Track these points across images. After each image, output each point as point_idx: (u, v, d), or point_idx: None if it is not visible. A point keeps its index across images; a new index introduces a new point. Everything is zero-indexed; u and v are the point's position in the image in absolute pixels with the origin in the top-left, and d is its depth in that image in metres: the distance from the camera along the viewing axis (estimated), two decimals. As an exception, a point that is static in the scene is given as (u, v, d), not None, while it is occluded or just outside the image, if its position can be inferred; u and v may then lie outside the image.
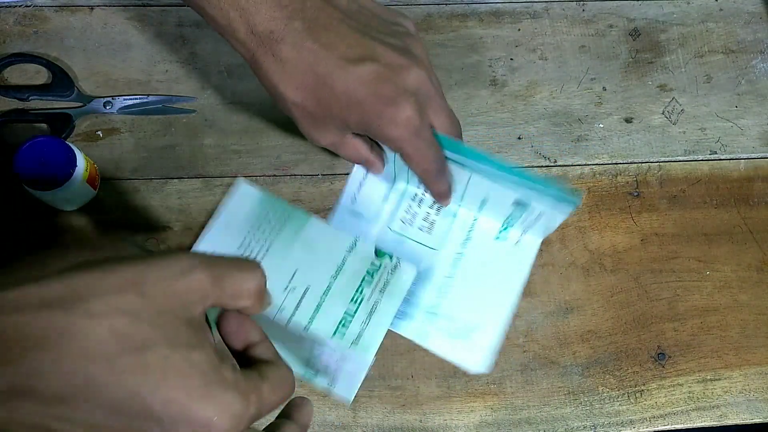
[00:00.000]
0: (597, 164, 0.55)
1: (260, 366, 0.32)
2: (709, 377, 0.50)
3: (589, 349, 0.50)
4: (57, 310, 0.26)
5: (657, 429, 0.49)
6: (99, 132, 0.53)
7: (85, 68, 0.54)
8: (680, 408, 0.49)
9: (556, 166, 0.54)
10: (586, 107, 0.56)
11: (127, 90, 0.54)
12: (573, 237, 0.52)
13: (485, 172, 0.45)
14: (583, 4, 0.59)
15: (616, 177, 0.54)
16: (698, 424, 0.49)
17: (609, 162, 0.55)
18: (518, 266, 0.51)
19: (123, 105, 0.53)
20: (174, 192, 0.52)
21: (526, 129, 0.55)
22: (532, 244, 0.52)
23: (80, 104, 0.53)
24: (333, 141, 0.44)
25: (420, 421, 0.48)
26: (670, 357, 0.50)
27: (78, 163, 0.47)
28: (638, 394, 0.49)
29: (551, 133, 0.55)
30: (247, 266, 0.31)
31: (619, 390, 0.49)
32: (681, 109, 0.57)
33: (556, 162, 0.54)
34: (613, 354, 0.50)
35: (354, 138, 0.46)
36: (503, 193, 0.46)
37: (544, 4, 0.59)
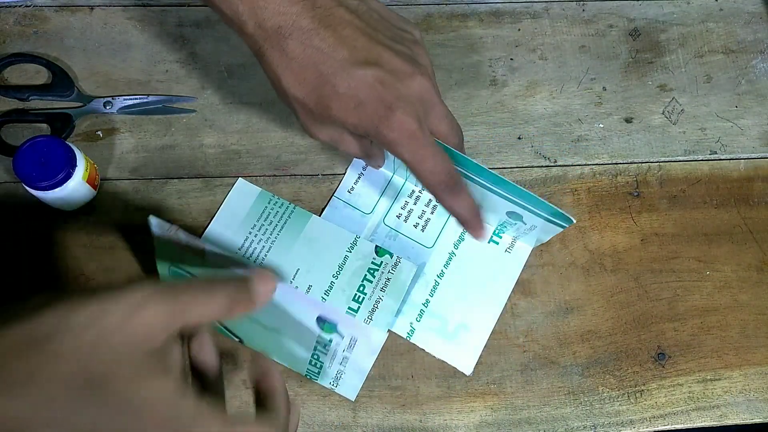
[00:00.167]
0: (597, 164, 0.55)
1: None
2: (709, 377, 0.50)
3: (589, 349, 0.50)
4: (29, 349, 0.28)
5: (657, 429, 0.49)
6: (99, 132, 0.53)
7: (85, 68, 0.54)
8: (680, 408, 0.49)
9: (556, 166, 0.54)
10: (586, 107, 0.56)
11: (127, 90, 0.54)
12: (573, 237, 0.52)
13: (482, 184, 0.45)
14: (583, 4, 0.59)
15: (616, 177, 0.54)
16: (698, 424, 0.49)
17: (609, 162, 0.55)
18: (508, 271, 0.51)
19: (123, 105, 0.53)
20: (174, 192, 0.52)
21: (526, 129, 0.55)
22: (524, 250, 0.52)
23: (80, 104, 0.53)
24: (332, 137, 0.44)
25: (420, 421, 0.48)
26: (670, 357, 0.50)
27: (78, 163, 0.47)
28: (638, 394, 0.49)
29: (551, 133, 0.55)
30: (211, 290, 0.32)
31: (619, 390, 0.49)
32: (681, 109, 0.57)
33: (556, 162, 0.54)
34: (613, 354, 0.50)
35: (353, 135, 0.46)
36: (498, 203, 0.46)
37: (544, 4, 0.59)
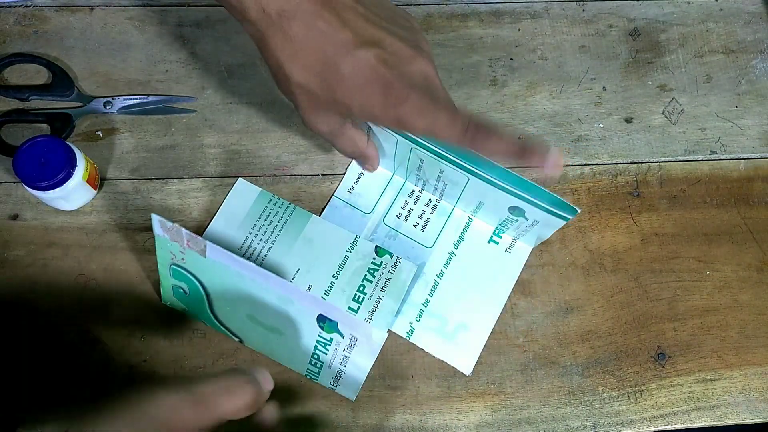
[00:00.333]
0: (597, 164, 0.55)
1: None
2: (709, 377, 0.50)
3: (589, 349, 0.50)
4: None
5: (657, 429, 0.49)
6: (99, 132, 0.53)
7: (85, 68, 0.54)
8: (680, 408, 0.49)
9: (556, 166, 0.54)
10: (586, 107, 0.56)
11: (127, 90, 0.54)
12: (573, 237, 0.52)
13: (484, 178, 0.45)
14: (583, 4, 0.59)
15: (616, 177, 0.54)
16: (698, 424, 0.49)
17: (609, 162, 0.55)
18: (508, 271, 0.51)
19: (123, 105, 0.53)
20: (174, 192, 0.52)
21: (526, 129, 0.55)
22: (524, 250, 0.52)
23: (80, 104, 0.53)
24: (331, 129, 0.44)
25: (420, 421, 0.48)
26: (670, 357, 0.50)
27: (78, 163, 0.47)
28: (638, 394, 0.49)
29: (551, 133, 0.55)
30: (236, 387, 0.37)
31: (619, 390, 0.49)
32: (681, 109, 0.57)
33: (556, 162, 0.54)
34: (613, 354, 0.50)
35: (352, 129, 0.46)
36: (500, 197, 0.46)
37: (544, 4, 0.59)
